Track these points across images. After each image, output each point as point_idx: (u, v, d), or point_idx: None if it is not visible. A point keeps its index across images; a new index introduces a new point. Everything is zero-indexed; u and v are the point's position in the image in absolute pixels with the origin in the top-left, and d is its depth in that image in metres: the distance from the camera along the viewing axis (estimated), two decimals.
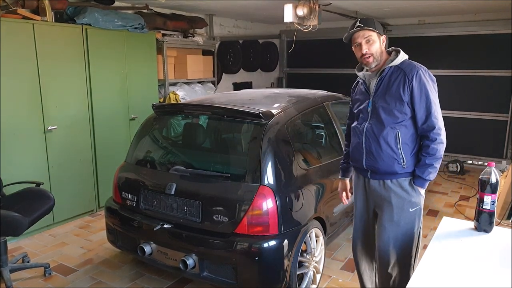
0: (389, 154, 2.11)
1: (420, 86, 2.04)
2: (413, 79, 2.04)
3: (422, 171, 2.10)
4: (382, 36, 2.15)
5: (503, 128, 5.92)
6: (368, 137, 2.16)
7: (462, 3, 4.98)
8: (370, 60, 2.10)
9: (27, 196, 3.02)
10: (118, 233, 2.94)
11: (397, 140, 2.09)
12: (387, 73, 2.11)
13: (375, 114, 2.14)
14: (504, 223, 2.99)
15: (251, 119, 2.63)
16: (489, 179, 1.66)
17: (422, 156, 2.09)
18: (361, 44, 2.09)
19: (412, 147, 2.13)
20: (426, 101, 2.05)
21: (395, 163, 2.11)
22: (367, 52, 2.09)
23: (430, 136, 2.07)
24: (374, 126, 2.13)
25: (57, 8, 3.85)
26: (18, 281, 3.01)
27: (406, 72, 2.06)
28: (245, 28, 7.00)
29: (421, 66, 2.11)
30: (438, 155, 2.08)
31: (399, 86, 2.06)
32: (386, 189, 2.18)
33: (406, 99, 2.05)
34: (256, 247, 2.36)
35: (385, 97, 2.10)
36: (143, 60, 4.65)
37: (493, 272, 1.43)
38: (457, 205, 4.57)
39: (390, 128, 2.09)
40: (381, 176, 2.18)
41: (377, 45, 2.10)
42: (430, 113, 2.05)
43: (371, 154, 2.16)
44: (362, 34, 2.08)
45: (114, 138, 4.41)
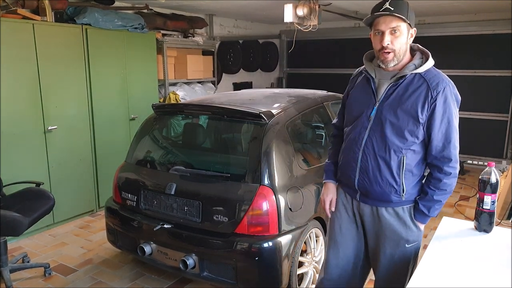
0: (388, 181, 1.74)
1: (444, 107, 1.65)
2: (438, 97, 1.64)
3: (427, 207, 1.75)
4: (412, 29, 1.73)
5: (503, 128, 5.91)
6: (366, 154, 1.77)
7: (462, 3, 4.98)
8: (390, 57, 1.68)
9: (27, 196, 3.02)
10: (118, 233, 2.94)
11: (400, 167, 1.72)
12: (406, 80, 1.70)
13: (378, 126, 1.74)
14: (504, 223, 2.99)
15: (251, 119, 2.63)
16: (489, 179, 1.66)
17: (429, 190, 1.73)
18: (384, 33, 1.65)
19: (417, 176, 1.76)
20: (448, 127, 1.67)
21: (392, 192, 1.75)
22: (389, 46, 1.66)
23: (444, 169, 1.69)
24: (375, 142, 1.74)
25: (57, 8, 3.85)
26: (18, 281, 3.01)
27: (430, 86, 1.65)
28: (245, 28, 7.00)
29: (449, 81, 1.70)
30: (450, 190, 1.73)
31: (417, 101, 1.66)
32: (379, 218, 1.82)
33: (422, 120, 1.66)
34: (256, 247, 2.36)
35: (396, 110, 1.69)
36: (143, 60, 4.65)
37: (493, 272, 1.43)
38: (457, 205, 4.57)
39: (394, 151, 1.71)
40: (373, 202, 1.82)
41: (403, 40, 1.68)
42: (450, 142, 1.68)
43: (366, 175, 1.78)
44: (389, 20, 1.64)
45: (114, 138, 4.41)
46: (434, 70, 1.72)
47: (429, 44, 6.94)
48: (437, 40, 6.16)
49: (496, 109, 5.93)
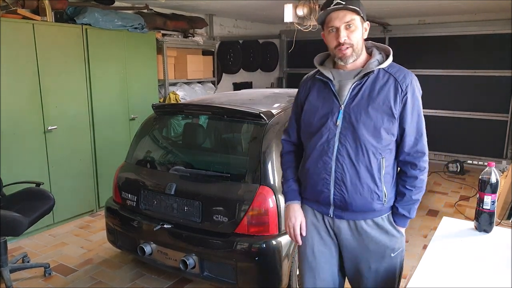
0: (370, 188, 1.61)
1: (413, 100, 1.60)
2: (408, 90, 1.58)
3: (407, 208, 1.66)
4: (366, 23, 1.65)
5: (503, 128, 5.92)
6: (341, 163, 1.62)
7: (462, 3, 4.98)
8: (349, 53, 1.59)
9: (27, 196, 3.02)
10: (118, 233, 2.94)
11: (381, 170, 1.62)
12: (370, 78, 1.62)
13: (349, 130, 1.60)
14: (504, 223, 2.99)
15: (251, 119, 2.63)
16: (489, 179, 1.66)
17: (406, 190, 1.65)
18: (339, 29, 1.57)
19: (393, 176, 1.68)
20: (418, 119, 1.63)
21: (375, 199, 1.63)
22: (346, 41, 1.56)
23: (419, 164, 1.63)
24: (349, 147, 1.60)
25: (57, 8, 3.85)
26: (18, 281, 3.01)
27: (398, 80, 1.59)
28: (245, 28, 7.00)
29: (412, 73, 1.66)
30: (424, 187, 1.68)
31: (388, 96, 1.58)
32: (359, 233, 1.68)
33: (397, 115, 1.59)
34: (256, 247, 2.36)
35: (367, 109, 1.59)
36: (143, 60, 4.65)
37: (493, 272, 1.43)
38: (457, 205, 4.57)
39: (372, 153, 1.59)
40: (352, 215, 1.67)
41: (359, 34, 1.60)
42: (421, 135, 1.64)
43: (343, 186, 1.63)
44: (342, 15, 1.56)
45: (114, 138, 4.41)
46: (396, 65, 1.67)
47: (429, 44, 6.94)
48: (437, 40, 6.16)
49: (496, 109, 5.93)
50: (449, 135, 6.30)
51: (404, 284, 2.96)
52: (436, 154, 6.45)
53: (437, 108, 6.31)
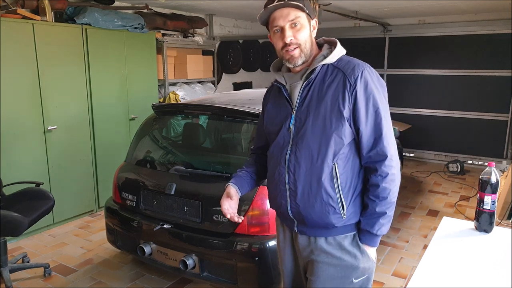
0: (323, 199, 1.44)
1: (367, 94, 1.40)
2: (357, 84, 1.39)
3: (371, 223, 1.45)
4: (313, 20, 1.50)
5: (503, 128, 5.92)
6: (293, 172, 1.47)
7: (462, 3, 4.98)
8: (297, 54, 1.44)
9: (27, 196, 3.01)
10: (118, 233, 2.94)
11: (333, 178, 1.43)
12: (318, 75, 1.46)
13: (300, 136, 1.46)
14: (504, 223, 2.99)
15: (251, 119, 2.63)
16: (490, 179, 1.66)
17: (369, 201, 1.45)
18: (283, 29, 1.43)
19: (354, 186, 1.47)
20: (375, 117, 1.41)
21: (331, 212, 1.44)
22: (292, 42, 1.43)
23: (380, 169, 1.41)
24: (299, 155, 1.46)
25: (57, 8, 3.85)
26: (18, 281, 3.01)
27: (346, 74, 1.42)
28: (245, 28, 7.00)
29: (366, 64, 1.46)
30: (392, 197, 1.44)
31: (336, 94, 1.41)
32: (318, 251, 1.51)
33: (346, 114, 1.40)
34: (256, 247, 2.36)
35: (315, 112, 1.43)
36: (143, 60, 4.65)
37: (493, 272, 1.43)
38: (457, 205, 4.57)
39: (321, 160, 1.43)
40: (312, 231, 1.51)
41: (306, 33, 1.45)
42: (380, 135, 1.41)
43: (297, 197, 1.48)
44: (285, 13, 1.42)
45: (114, 138, 4.41)
46: (347, 57, 1.49)
47: (429, 44, 6.94)
48: (437, 40, 6.16)
49: (496, 109, 5.93)
50: (449, 135, 6.30)
51: (404, 284, 2.97)
52: (436, 154, 6.45)
53: (437, 108, 6.32)
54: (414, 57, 6.31)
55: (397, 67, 6.48)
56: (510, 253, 1.55)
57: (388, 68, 6.53)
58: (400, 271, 3.13)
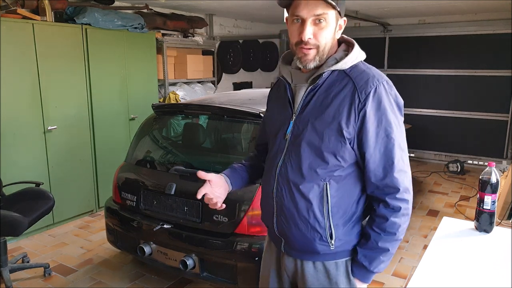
0: (308, 222, 1.26)
1: (379, 115, 1.19)
2: (368, 101, 1.18)
3: (369, 258, 1.26)
4: (342, 19, 1.28)
5: (503, 128, 5.92)
6: (281, 185, 1.30)
7: (462, 3, 4.98)
8: (311, 56, 1.23)
9: (27, 196, 3.01)
10: (118, 233, 2.94)
11: (323, 200, 1.24)
12: (325, 81, 1.25)
13: (295, 147, 1.28)
14: (504, 223, 2.99)
15: (251, 119, 2.63)
16: (490, 179, 1.66)
17: (372, 232, 1.25)
18: (305, 22, 1.19)
19: (350, 214, 1.27)
20: (387, 142, 1.20)
21: (317, 239, 1.27)
22: (310, 41, 1.20)
23: (391, 203, 1.22)
24: (290, 168, 1.28)
25: (57, 8, 3.85)
26: (17, 281, 3.01)
27: (357, 86, 1.21)
28: (245, 28, 7.00)
29: (383, 77, 1.24)
30: (400, 234, 1.25)
31: (341, 108, 1.21)
32: (305, 277, 1.34)
33: (349, 134, 1.20)
34: (256, 247, 2.35)
35: (314, 123, 1.24)
36: (143, 60, 4.65)
37: (493, 272, 1.43)
38: (458, 205, 4.57)
39: (312, 178, 1.25)
40: (298, 254, 1.34)
41: (330, 33, 1.23)
42: (392, 164, 1.20)
43: (283, 215, 1.31)
44: (313, 5, 1.17)
45: (114, 138, 4.41)
46: (363, 65, 1.27)
47: (429, 44, 6.94)
48: (437, 40, 6.17)
49: (496, 109, 5.93)
50: (449, 135, 6.30)
51: (404, 284, 2.97)
52: (436, 154, 6.45)
53: (437, 108, 6.32)
54: (414, 57, 6.31)
55: (397, 67, 6.48)
56: (510, 253, 1.55)
57: (388, 68, 6.53)
58: (400, 271, 3.13)
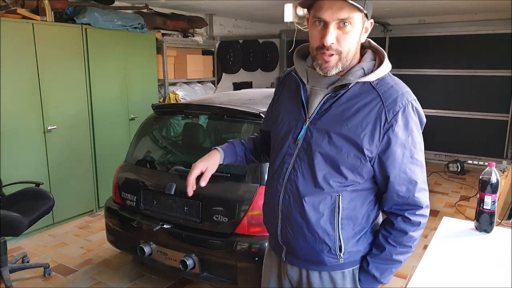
0: (317, 234, 1.21)
1: (406, 136, 1.14)
2: (395, 121, 1.12)
3: (382, 269, 1.23)
4: (369, 21, 1.17)
5: (503, 128, 5.92)
6: (289, 193, 1.24)
7: (462, 3, 4.98)
8: (332, 63, 1.13)
9: (27, 196, 3.01)
10: (118, 233, 2.94)
11: (335, 213, 1.20)
12: (349, 92, 1.17)
13: (307, 155, 1.21)
14: (504, 223, 2.99)
15: (251, 119, 2.63)
16: (490, 179, 1.65)
17: (387, 245, 1.22)
18: (327, 25, 1.10)
19: (360, 224, 1.24)
20: (411, 163, 1.16)
21: (324, 251, 1.23)
22: (333, 46, 1.11)
23: (412, 218, 1.20)
24: (300, 176, 1.21)
25: (57, 8, 3.85)
26: (17, 281, 3.01)
27: (384, 103, 1.13)
28: (245, 28, 7.00)
29: (412, 96, 1.18)
30: (414, 247, 1.25)
31: (364, 124, 1.13)
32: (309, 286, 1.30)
33: (370, 153, 1.15)
34: (256, 247, 2.35)
35: (331, 134, 1.17)
36: (143, 60, 4.65)
37: (493, 272, 1.42)
38: (458, 205, 4.57)
39: (324, 190, 1.19)
40: (303, 264, 1.29)
41: (355, 37, 1.14)
42: (416, 185, 1.18)
43: (288, 223, 1.26)
44: (337, 7, 1.08)
45: (114, 138, 4.41)
46: (390, 79, 1.19)
47: (429, 44, 6.93)
48: (437, 40, 6.17)
49: (496, 109, 5.93)
50: (449, 135, 6.30)
51: (404, 284, 2.97)
52: (436, 154, 6.45)
53: (437, 108, 6.32)
54: (414, 57, 6.31)
55: (397, 67, 6.47)
56: (510, 253, 1.54)
57: None
58: (400, 271, 3.13)
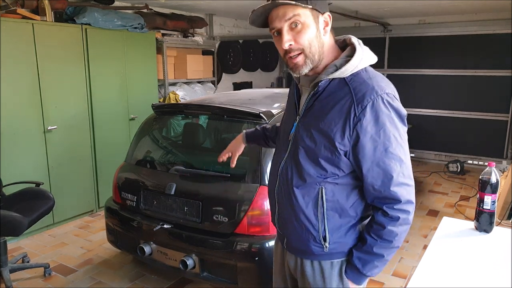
0: (303, 224, 1.28)
1: (377, 129, 1.15)
2: (363, 115, 1.14)
3: (363, 261, 1.26)
4: (324, 15, 1.22)
5: (503, 128, 5.92)
6: (281, 184, 1.33)
7: (462, 3, 4.98)
8: (301, 61, 1.21)
9: (27, 196, 3.01)
10: (118, 233, 2.94)
11: (318, 204, 1.25)
12: (326, 88, 1.22)
13: (295, 149, 1.29)
14: (504, 223, 2.99)
15: (251, 119, 2.63)
16: (490, 179, 1.66)
17: (369, 238, 1.24)
18: (281, 30, 1.18)
19: (345, 216, 1.27)
20: (385, 157, 1.17)
21: (310, 240, 1.29)
22: (292, 47, 1.19)
23: (390, 212, 1.20)
24: (289, 168, 1.30)
25: (57, 8, 3.85)
26: (18, 281, 3.01)
27: (354, 98, 1.16)
28: (245, 28, 7.00)
29: (385, 88, 1.18)
30: (397, 243, 1.24)
31: (336, 120, 1.18)
32: (303, 274, 1.36)
33: (343, 147, 1.19)
34: (256, 247, 2.35)
35: (311, 130, 1.24)
36: (143, 60, 4.65)
37: (493, 272, 1.43)
38: (457, 205, 4.57)
39: (308, 181, 1.25)
40: (297, 252, 1.37)
41: (311, 33, 1.18)
42: (391, 178, 1.18)
43: (282, 213, 1.36)
44: (281, 13, 1.16)
45: (114, 138, 4.41)
46: (365, 73, 1.22)
47: (429, 44, 6.94)
48: (437, 40, 6.17)
49: (496, 109, 5.93)
50: (449, 135, 6.30)
51: (404, 284, 2.97)
52: (436, 154, 6.45)
53: (437, 108, 6.32)
54: (414, 57, 6.31)
55: (397, 67, 6.48)
56: (510, 253, 1.55)
57: (388, 68, 6.53)
58: (400, 271, 3.13)
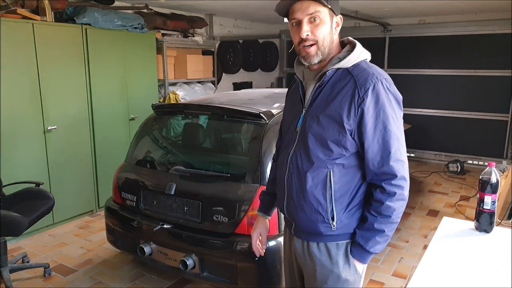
0: (312, 205, 1.41)
1: (377, 109, 1.33)
2: (366, 96, 1.32)
3: (366, 238, 1.39)
4: (337, 16, 1.43)
5: (503, 128, 5.92)
6: (291, 172, 1.47)
7: (462, 3, 4.98)
8: (313, 51, 1.38)
9: (27, 196, 3.02)
10: (118, 233, 2.94)
11: (326, 186, 1.39)
12: (330, 79, 1.40)
13: (304, 138, 1.43)
14: (504, 223, 3.00)
15: (251, 119, 2.63)
16: (490, 179, 1.66)
17: (369, 215, 1.38)
18: (301, 22, 1.37)
19: (350, 198, 1.41)
20: (384, 134, 1.34)
21: (319, 221, 1.42)
22: (308, 37, 1.37)
23: (387, 188, 1.34)
24: (299, 156, 1.44)
25: (57, 8, 3.85)
26: (18, 281, 3.01)
27: (357, 83, 1.34)
28: (245, 28, 7.00)
29: (383, 74, 1.38)
30: (395, 217, 1.37)
31: (343, 103, 1.35)
32: (310, 256, 1.49)
33: (350, 126, 1.34)
34: None
35: (319, 116, 1.39)
36: (143, 60, 4.65)
37: (493, 272, 1.43)
38: (458, 205, 4.57)
39: (317, 165, 1.39)
40: (305, 236, 1.50)
41: (326, 29, 1.38)
42: (389, 154, 1.33)
43: (291, 198, 1.47)
44: (305, 6, 1.35)
45: (114, 138, 4.41)
46: (365, 64, 1.41)
47: (429, 44, 6.93)
48: (437, 40, 6.17)
49: (496, 109, 5.93)
50: (449, 135, 6.30)
51: (404, 284, 2.97)
52: (436, 154, 6.45)
53: (437, 108, 6.32)
54: (414, 57, 6.31)
55: (397, 67, 6.48)
56: (510, 253, 1.55)
57: (388, 68, 6.53)
58: (400, 271, 3.13)
